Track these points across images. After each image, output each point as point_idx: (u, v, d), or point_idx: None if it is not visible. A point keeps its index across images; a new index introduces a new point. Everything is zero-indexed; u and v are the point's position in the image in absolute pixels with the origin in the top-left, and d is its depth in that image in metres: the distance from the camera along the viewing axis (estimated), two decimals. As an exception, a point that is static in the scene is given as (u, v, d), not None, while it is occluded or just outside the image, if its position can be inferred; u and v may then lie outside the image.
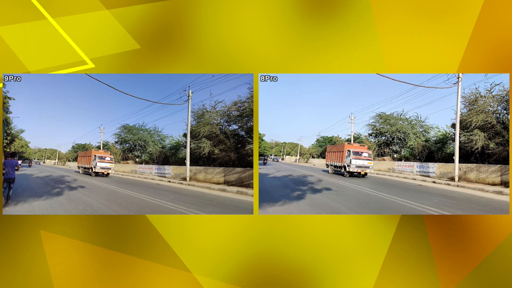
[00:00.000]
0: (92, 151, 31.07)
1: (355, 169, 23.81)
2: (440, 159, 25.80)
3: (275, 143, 64.53)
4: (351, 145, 26.08)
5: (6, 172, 10.64)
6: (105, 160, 29.52)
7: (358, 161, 24.04)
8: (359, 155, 24.37)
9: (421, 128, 31.16)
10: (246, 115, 22.10)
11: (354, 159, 24.10)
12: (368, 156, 24.68)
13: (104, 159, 29.60)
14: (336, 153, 27.34)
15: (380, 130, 32.86)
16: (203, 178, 22.33)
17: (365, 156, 24.50)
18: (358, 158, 24.21)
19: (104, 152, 31.75)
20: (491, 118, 20.42)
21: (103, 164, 29.12)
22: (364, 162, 24.11)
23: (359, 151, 24.65)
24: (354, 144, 26.88)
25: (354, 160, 24.02)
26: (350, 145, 26.38)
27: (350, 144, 26.72)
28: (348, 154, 24.67)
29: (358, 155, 24.30)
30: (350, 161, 24.12)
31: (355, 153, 24.35)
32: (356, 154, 24.31)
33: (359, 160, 24.12)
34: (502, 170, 17.95)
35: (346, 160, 24.75)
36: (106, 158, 29.81)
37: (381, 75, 9.37)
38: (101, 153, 30.89)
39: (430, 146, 27.36)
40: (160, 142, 35.39)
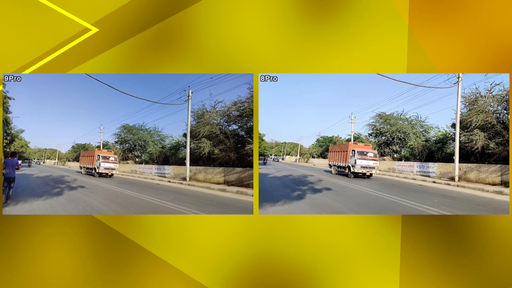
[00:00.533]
0: (95, 150, 29.99)
1: (360, 169, 22.81)
2: (440, 159, 25.79)
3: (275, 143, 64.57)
4: (355, 145, 25.13)
5: (7, 172, 10.70)
6: (109, 160, 28.37)
7: (363, 162, 23.01)
8: (364, 155, 23.39)
9: (421, 128, 31.16)
10: (246, 115, 22.10)
11: (359, 159, 23.10)
12: (373, 156, 23.70)
13: (108, 159, 28.43)
14: (339, 153, 26.37)
15: (380, 130, 32.86)
16: (203, 178, 22.33)
17: (371, 156, 23.52)
18: (363, 158, 23.20)
19: (108, 151, 30.57)
20: (491, 118, 20.42)
21: (107, 165, 27.99)
22: (369, 163, 23.12)
23: (364, 151, 23.67)
24: (359, 144, 25.77)
25: (359, 160, 23.02)
26: (355, 144, 25.41)
27: (354, 144, 25.66)
28: (352, 154, 23.72)
29: (363, 155, 23.33)
30: (354, 161, 23.14)
31: (360, 153, 23.39)
32: (361, 154, 23.35)
33: (364, 161, 23.10)
34: (502, 170, 17.94)
35: (351, 160, 23.72)
36: (110, 158, 28.65)
37: (381, 75, 9.38)
38: (104, 152, 29.76)
39: (430, 146, 27.36)
40: (160, 142, 35.41)
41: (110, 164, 28.24)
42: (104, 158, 28.39)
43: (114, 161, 28.94)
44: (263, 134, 42.19)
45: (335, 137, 48.10)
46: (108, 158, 28.60)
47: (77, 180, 23.03)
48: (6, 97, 20.45)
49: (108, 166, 28.00)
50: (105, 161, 28.11)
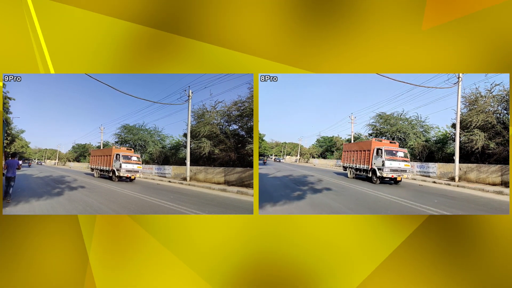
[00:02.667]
0: (112, 148, 25.11)
1: (390, 173, 18.28)
2: (440, 159, 25.80)
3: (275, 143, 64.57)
4: (380, 142, 20.79)
5: (8, 172, 10.98)
6: (131, 161, 23.56)
7: (393, 163, 18.58)
8: (393, 154, 19.02)
9: (421, 128, 31.15)
10: (246, 115, 22.12)
11: (388, 160, 18.67)
12: (404, 156, 19.25)
13: (130, 159, 23.59)
14: (358, 153, 21.99)
15: (380, 130, 32.84)
16: (203, 178, 22.33)
17: (401, 157, 19.14)
18: (392, 159, 18.75)
19: (128, 150, 25.59)
20: (491, 118, 20.43)
21: (129, 166, 23.24)
22: (400, 164, 18.70)
23: (393, 150, 19.28)
24: (383, 141, 21.31)
25: (388, 162, 18.58)
26: (379, 142, 20.97)
27: (378, 141, 21.15)
28: (378, 153, 19.37)
29: (392, 155, 18.96)
30: (382, 163, 18.69)
31: (389, 153, 19.00)
32: (389, 154, 18.96)
33: (394, 162, 18.65)
34: (502, 170, 17.95)
35: (376, 161, 19.33)
36: (133, 158, 23.80)
37: (381, 75, 9.35)
38: (124, 151, 24.79)
39: (430, 146, 27.36)
40: (160, 142, 35.40)
41: (133, 165, 23.56)
42: (126, 158, 23.55)
43: (137, 161, 24.14)
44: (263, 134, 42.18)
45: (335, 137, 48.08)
46: (130, 158, 23.79)
47: (77, 180, 23.03)
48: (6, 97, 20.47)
49: (131, 167, 23.37)
50: (127, 162, 23.44)
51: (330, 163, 42.64)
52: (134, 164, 23.64)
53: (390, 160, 18.66)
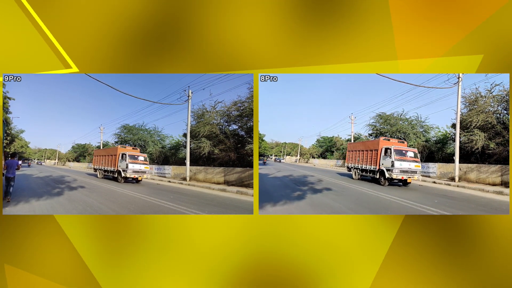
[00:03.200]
0: (117, 148, 24.03)
1: (400, 175, 17.18)
2: (441, 159, 25.79)
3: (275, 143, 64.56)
4: (388, 141, 19.66)
5: (8, 172, 10.99)
6: (138, 161, 22.22)
7: (403, 164, 17.41)
8: (403, 154, 17.83)
9: (421, 128, 31.14)
10: (246, 115, 22.12)
11: (397, 160, 17.49)
12: (414, 156, 18.06)
13: (136, 159, 22.26)
14: (364, 153, 20.97)
15: (380, 130, 32.83)
16: (203, 178, 22.33)
17: (411, 157, 17.95)
18: (402, 159, 17.59)
19: (134, 149, 24.34)
20: (492, 118, 20.43)
21: (136, 166, 21.87)
22: (410, 165, 17.53)
23: (403, 150, 18.09)
24: (392, 140, 20.11)
25: (397, 162, 17.39)
26: (387, 141, 19.78)
27: (386, 140, 19.90)
28: (386, 153, 18.29)
29: (402, 155, 17.77)
30: (392, 163, 17.56)
31: (399, 153, 17.81)
32: (399, 154, 17.77)
33: (404, 162, 17.49)
34: (502, 170, 17.95)
35: (384, 162, 18.24)
36: (139, 158, 22.47)
37: (381, 75, 9.35)
38: (130, 150, 23.53)
39: (430, 146, 27.36)
40: (160, 142, 35.38)
41: (140, 165, 22.13)
42: (132, 157, 22.15)
43: (144, 161, 22.69)
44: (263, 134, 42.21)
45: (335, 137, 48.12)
46: (137, 157, 22.41)
47: (77, 180, 23.03)
48: (6, 97, 20.45)
49: (138, 168, 21.96)
50: (133, 162, 22.03)
51: (330, 163, 42.67)
52: (141, 164, 22.31)
53: (400, 161, 17.54)
